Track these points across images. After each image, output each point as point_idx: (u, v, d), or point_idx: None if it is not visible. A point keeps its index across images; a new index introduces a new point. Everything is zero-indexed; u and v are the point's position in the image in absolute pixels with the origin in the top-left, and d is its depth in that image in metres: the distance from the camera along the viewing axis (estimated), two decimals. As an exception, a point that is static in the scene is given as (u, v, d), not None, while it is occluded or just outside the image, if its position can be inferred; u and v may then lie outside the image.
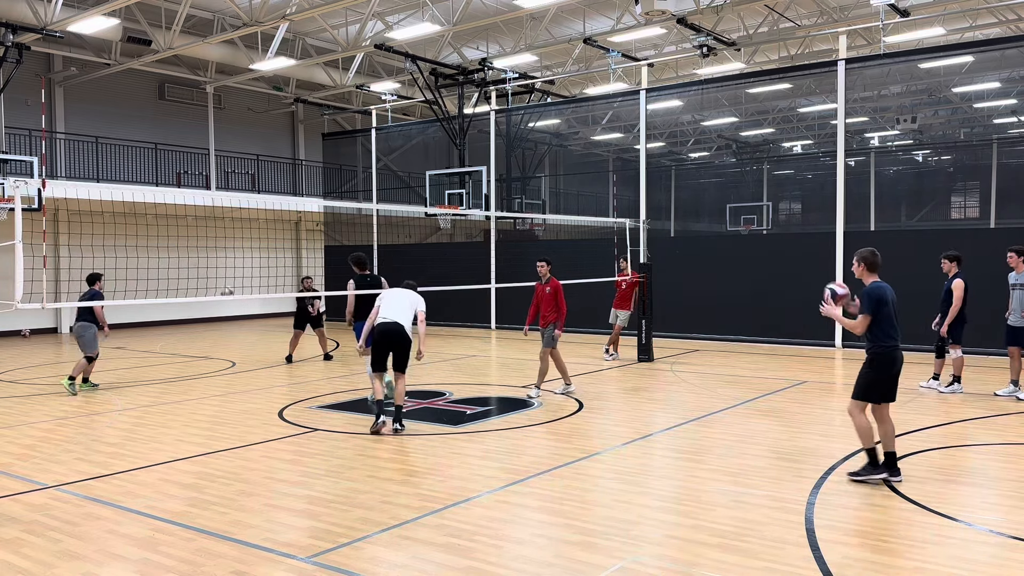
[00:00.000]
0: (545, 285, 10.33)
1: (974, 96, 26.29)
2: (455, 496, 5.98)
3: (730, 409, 9.36)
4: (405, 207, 23.39)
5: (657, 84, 22.32)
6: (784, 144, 33.76)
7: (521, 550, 4.91)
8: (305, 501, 5.93)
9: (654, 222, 16.82)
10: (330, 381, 11.95)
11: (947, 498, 5.85)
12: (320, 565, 4.68)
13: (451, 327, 20.73)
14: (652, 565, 4.63)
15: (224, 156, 24.37)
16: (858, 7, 19.37)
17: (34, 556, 4.87)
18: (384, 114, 24.77)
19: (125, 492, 6.18)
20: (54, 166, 20.46)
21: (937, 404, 9.55)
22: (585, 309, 17.36)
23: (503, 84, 20.97)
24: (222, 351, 16.13)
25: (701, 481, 6.38)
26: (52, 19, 16.76)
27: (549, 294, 10.24)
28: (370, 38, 20.13)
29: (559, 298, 10.23)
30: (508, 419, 9.06)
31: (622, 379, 12.00)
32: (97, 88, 21.90)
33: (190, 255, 20.67)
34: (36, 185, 14.52)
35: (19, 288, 6.71)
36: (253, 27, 17.62)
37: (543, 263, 10.40)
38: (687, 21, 17.57)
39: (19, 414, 9.50)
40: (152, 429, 8.58)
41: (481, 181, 19.25)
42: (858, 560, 4.67)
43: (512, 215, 21.92)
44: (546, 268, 10.37)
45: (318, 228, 26.27)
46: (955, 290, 9.91)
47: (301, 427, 8.57)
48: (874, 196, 28.59)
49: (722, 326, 16.67)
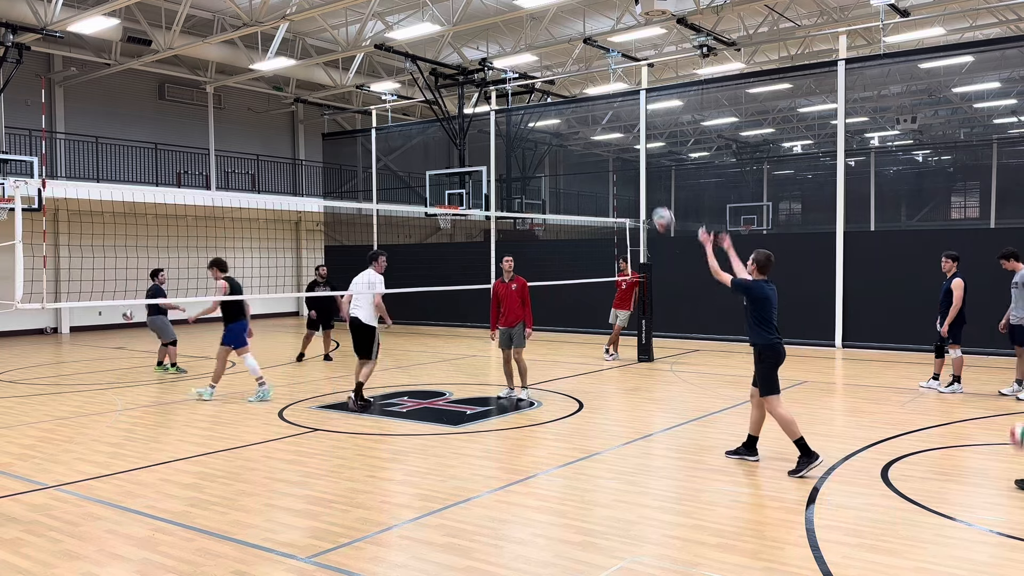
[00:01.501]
0: (510, 283, 10.08)
1: (974, 96, 26.28)
2: (455, 496, 5.98)
3: (730, 409, 9.36)
4: (405, 207, 23.38)
5: (657, 84, 22.32)
6: (784, 144, 33.75)
7: (521, 550, 4.91)
8: (305, 501, 5.93)
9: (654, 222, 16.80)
10: (330, 381, 11.96)
11: (947, 498, 5.85)
12: (320, 565, 4.68)
13: (451, 327, 20.74)
14: (652, 565, 4.63)
15: (224, 156, 24.37)
16: (858, 7, 19.37)
17: (34, 556, 4.87)
18: (384, 114, 24.77)
19: (125, 492, 6.18)
20: (54, 166, 20.46)
21: (937, 404, 9.55)
22: (585, 309, 17.35)
23: (503, 84, 20.97)
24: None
25: (701, 481, 6.38)
26: (52, 19, 16.76)
27: (515, 291, 10.00)
28: (370, 38, 20.14)
29: (525, 295, 10.03)
30: (508, 419, 9.06)
31: (622, 379, 12.00)
32: (97, 88, 21.90)
33: (190, 255, 20.66)
34: (36, 185, 14.43)
35: (19, 288, 6.71)
36: (253, 27, 17.62)
37: (511, 259, 10.22)
38: (687, 21, 17.57)
39: (19, 414, 9.50)
40: (152, 429, 8.58)
41: (481, 181, 19.25)
42: (858, 560, 4.67)
43: (512, 215, 21.91)
44: (511, 264, 10.20)
45: (318, 228, 26.27)
46: (955, 290, 9.91)
47: (301, 427, 8.57)
48: (874, 196, 28.59)
49: (722, 326, 16.66)
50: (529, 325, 10.03)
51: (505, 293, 9.99)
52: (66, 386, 11.59)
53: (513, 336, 9.99)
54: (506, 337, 10.05)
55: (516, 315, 9.95)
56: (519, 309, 9.94)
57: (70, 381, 12.17)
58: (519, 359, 10.03)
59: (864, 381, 11.54)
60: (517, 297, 9.95)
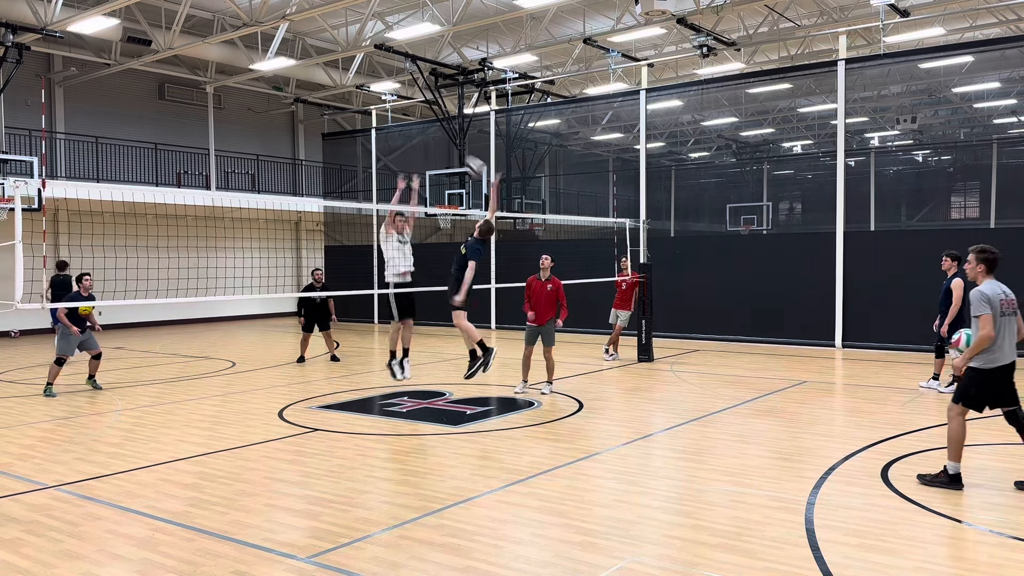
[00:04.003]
0: (546, 282, 10.23)
1: (974, 96, 26.27)
2: (455, 496, 5.98)
3: (730, 409, 9.36)
4: (405, 207, 23.34)
5: (657, 84, 22.31)
6: (784, 144, 33.73)
7: (521, 550, 4.91)
8: (305, 501, 5.93)
9: (654, 222, 16.81)
10: (330, 381, 11.96)
11: (947, 498, 5.85)
12: (320, 565, 4.68)
13: (451, 327, 20.69)
14: (652, 565, 4.63)
15: (224, 156, 24.36)
16: (858, 7, 19.37)
17: (34, 556, 4.87)
18: (384, 114, 24.76)
19: (125, 492, 6.18)
20: (54, 166, 20.46)
21: (937, 404, 9.55)
22: (585, 309, 17.39)
23: (503, 84, 20.97)
24: (222, 351, 16.14)
25: (701, 481, 6.38)
26: (52, 19, 16.76)
27: (550, 292, 10.17)
28: (370, 38, 20.13)
29: (561, 297, 10.19)
30: (508, 419, 9.06)
31: (622, 379, 12.00)
32: (97, 88, 21.89)
33: (190, 255, 20.64)
34: (36, 185, 14.51)
35: (19, 288, 6.71)
36: (253, 27, 17.62)
37: (548, 257, 10.35)
38: (687, 21, 17.57)
39: (19, 414, 9.50)
40: (152, 429, 8.58)
41: (481, 181, 19.24)
42: (858, 560, 4.67)
43: (512, 215, 21.91)
44: (549, 262, 10.33)
45: (318, 228, 26.27)
46: (954, 290, 9.91)
47: (301, 427, 8.57)
48: (874, 196, 28.57)
49: (722, 326, 16.66)
50: (562, 318, 10.32)
51: (539, 291, 10.19)
52: (66, 386, 11.58)
53: (543, 334, 10.17)
54: (533, 334, 10.19)
55: (547, 314, 10.12)
56: (550, 309, 10.13)
57: (70, 381, 12.17)
58: (548, 357, 10.27)
59: (864, 381, 11.54)
60: (551, 297, 10.15)
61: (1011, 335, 6.15)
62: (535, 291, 10.23)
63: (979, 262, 6.24)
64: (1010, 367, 6.14)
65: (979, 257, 6.25)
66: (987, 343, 5.99)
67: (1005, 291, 6.20)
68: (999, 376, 6.10)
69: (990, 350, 6.04)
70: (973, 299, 6.11)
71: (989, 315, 5.99)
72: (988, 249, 6.28)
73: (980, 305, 6.04)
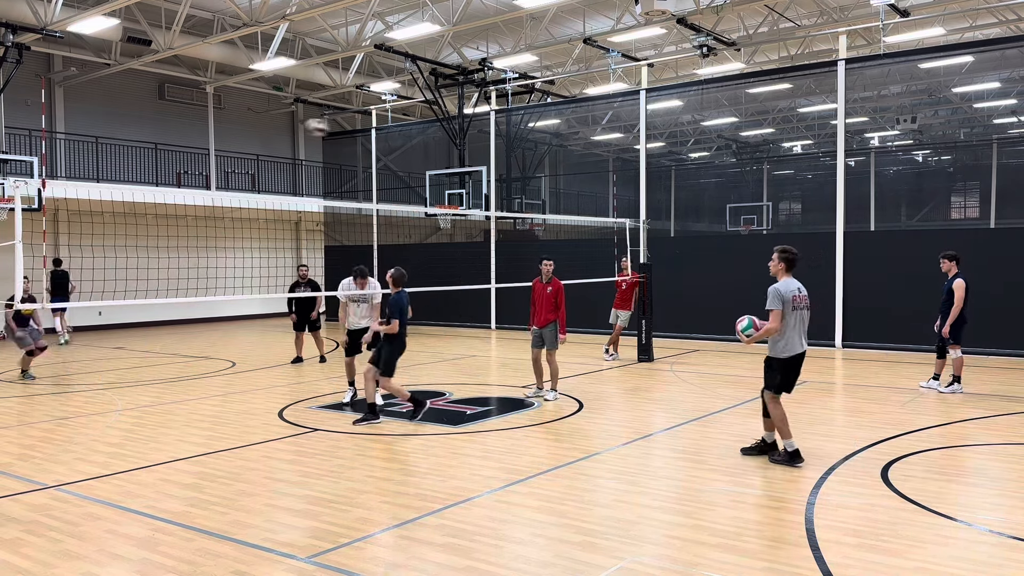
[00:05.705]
0: (547, 284, 10.23)
1: (974, 96, 26.29)
2: (455, 496, 5.98)
3: (730, 409, 9.36)
4: (405, 207, 23.38)
5: (657, 84, 22.32)
6: (784, 144, 33.75)
7: (521, 550, 4.91)
8: (305, 501, 5.93)
9: (654, 222, 16.81)
10: (330, 381, 11.95)
11: (947, 498, 5.85)
12: (320, 565, 4.68)
13: (451, 327, 20.73)
14: (652, 565, 4.63)
15: (224, 156, 24.37)
16: (858, 7, 19.38)
17: (34, 556, 4.87)
18: (384, 114, 24.76)
19: (125, 492, 6.18)
20: (54, 166, 20.46)
21: (937, 404, 9.55)
22: (585, 309, 17.36)
23: (503, 84, 20.97)
24: (222, 351, 16.13)
25: (701, 481, 6.38)
26: (52, 19, 16.76)
27: (550, 294, 10.15)
28: (370, 38, 20.14)
29: (560, 299, 10.16)
30: (508, 419, 9.06)
31: (622, 379, 12.00)
32: (97, 88, 21.89)
33: (190, 255, 20.67)
34: (36, 185, 14.53)
35: (19, 288, 6.71)
36: (253, 27, 17.62)
37: (550, 261, 10.35)
38: (687, 21, 17.57)
39: (19, 414, 9.50)
40: (152, 429, 8.57)
41: (481, 181, 19.24)
42: (858, 560, 4.67)
43: (512, 215, 21.92)
44: (551, 267, 10.33)
45: (318, 228, 26.26)
46: (956, 290, 9.90)
47: (301, 427, 8.58)
48: (874, 196, 28.60)
49: (722, 326, 16.62)
50: (562, 330, 10.11)
51: (540, 294, 10.19)
52: (66, 386, 11.59)
53: (545, 337, 10.12)
54: (538, 338, 10.20)
55: (548, 317, 10.09)
56: (552, 312, 10.06)
57: (70, 381, 12.17)
58: (551, 361, 10.12)
59: (864, 381, 11.54)
60: (551, 299, 10.09)
61: (802, 327, 6.82)
62: (536, 294, 10.27)
63: (780, 260, 6.93)
64: (803, 355, 6.88)
65: (781, 256, 6.93)
66: (773, 335, 6.74)
67: (799, 288, 6.85)
68: (796, 363, 6.85)
69: (782, 342, 6.75)
70: (770, 294, 6.78)
71: (779, 311, 6.71)
72: (789, 250, 6.95)
73: (774, 300, 6.73)
